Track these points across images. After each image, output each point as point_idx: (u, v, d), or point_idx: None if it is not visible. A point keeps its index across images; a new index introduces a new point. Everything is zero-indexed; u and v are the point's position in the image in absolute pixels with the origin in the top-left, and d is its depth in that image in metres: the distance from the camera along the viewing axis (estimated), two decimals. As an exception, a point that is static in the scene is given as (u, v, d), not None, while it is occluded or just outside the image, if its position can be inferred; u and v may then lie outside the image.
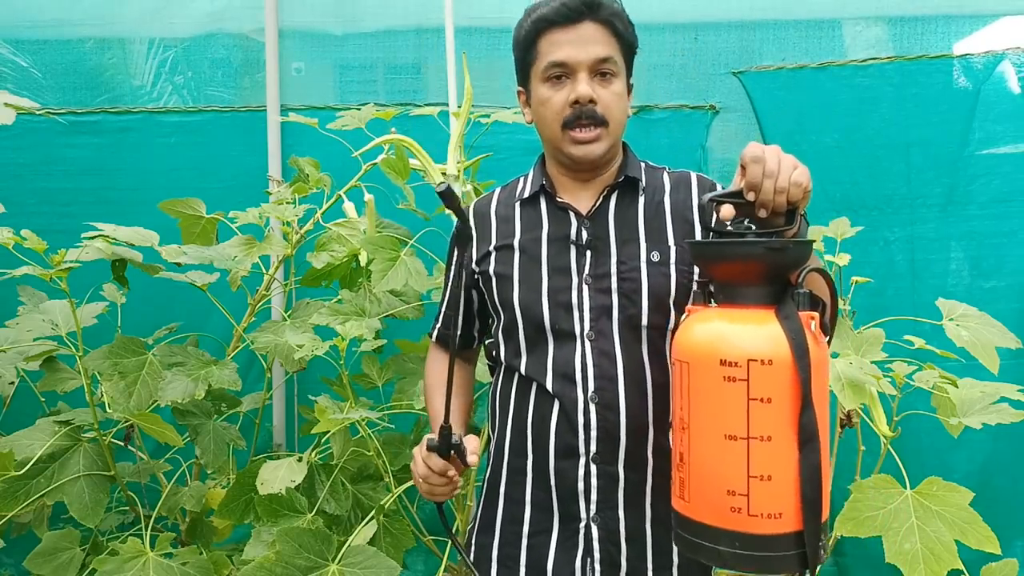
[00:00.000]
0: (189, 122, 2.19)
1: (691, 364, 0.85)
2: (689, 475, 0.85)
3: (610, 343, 1.05)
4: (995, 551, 1.35)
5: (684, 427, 0.86)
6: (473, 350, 1.28)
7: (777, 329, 0.81)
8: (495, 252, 1.13)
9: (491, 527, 1.14)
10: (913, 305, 2.01)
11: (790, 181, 0.83)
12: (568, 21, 1.02)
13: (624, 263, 1.06)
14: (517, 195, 1.16)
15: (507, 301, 1.10)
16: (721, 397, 0.81)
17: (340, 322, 1.54)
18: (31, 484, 1.49)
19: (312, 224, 1.78)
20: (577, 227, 1.09)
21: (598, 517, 1.05)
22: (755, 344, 0.81)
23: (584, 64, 1.02)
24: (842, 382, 1.49)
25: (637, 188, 1.10)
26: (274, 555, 1.33)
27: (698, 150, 2.18)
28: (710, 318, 0.88)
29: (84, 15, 2.19)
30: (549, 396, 1.07)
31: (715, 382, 0.81)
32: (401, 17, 2.20)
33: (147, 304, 1.87)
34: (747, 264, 0.85)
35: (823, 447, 0.81)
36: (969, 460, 2.04)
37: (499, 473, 1.14)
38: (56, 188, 2.17)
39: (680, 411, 0.87)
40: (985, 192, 2.06)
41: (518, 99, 1.15)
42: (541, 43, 1.04)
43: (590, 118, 1.03)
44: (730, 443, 0.80)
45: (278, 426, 2.15)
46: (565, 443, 1.06)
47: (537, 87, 1.06)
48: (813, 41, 2.13)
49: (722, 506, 0.81)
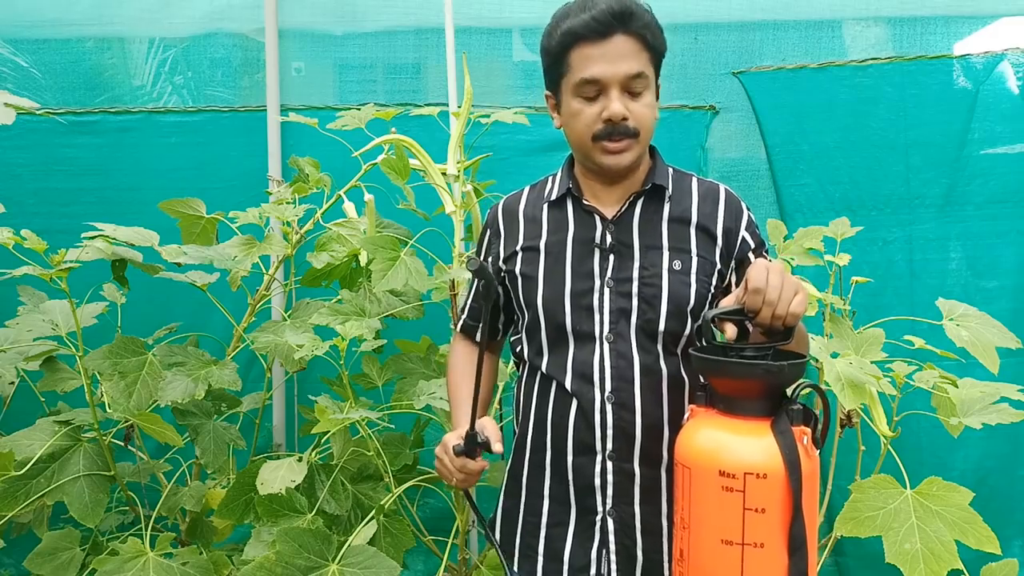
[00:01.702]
0: (189, 122, 2.19)
1: (692, 471, 0.91)
2: (688, 571, 0.92)
3: (627, 345, 1.07)
4: (995, 551, 1.35)
5: (685, 526, 0.92)
6: (498, 341, 1.32)
7: (772, 444, 0.88)
8: (521, 252, 1.16)
9: (514, 516, 1.18)
10: (912, 305, 2.02)
11: (788, 311, 0.89)
12: (599, 36, 1.01)
13: (647, 269, 1.08)
14: (545, 196, 1.18)
15: (531, 301, 1.13)
16: (719, 505, 0.88)
17: (340, 322, 1.53)
18: (31, 484, 1.49)
19: (312, 224, 1.78)
20: (602, 231, 1.11)
21: (614, 511, 1.08)
22: (752, 458, 0.87)
23: (616, 80, 1.02)
24: (842, 382, 1.49)
25: (663, 196, 1.11)
26: (274, 555, 1.33)
27: (698, 150, 2.18)
28: (711, 426, 0.93)
29: (83, 15, 2.18)
30: (568, 395, 1.10)
31: (714, 490, 0.88)
32: (401, 17, 2.20)
33: (147, 304, 1.86)
34: (746, 381, 0.91)
35: (811, 554, 0.89)
36: (969, 460, 2.05)
37: (521, 465, 1.18)
38: (55, 188, 2.16)
39: (682, 511, 0.93)
40: (983, 192, 2.07)
41: (546, 103, 1.16)
42: (572, 57, 1.04)
43: (623, 133, 1.04)
44: (726, 547, 0.87)
45: (278, 426, 2.15)
46: (582, 440, 1.09)
47: (568, 100, 1.07)
48: (813, 41, 2.13)
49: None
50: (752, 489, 0.85)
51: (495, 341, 1.31)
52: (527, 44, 2.18)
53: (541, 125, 2.04)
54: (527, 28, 2.15)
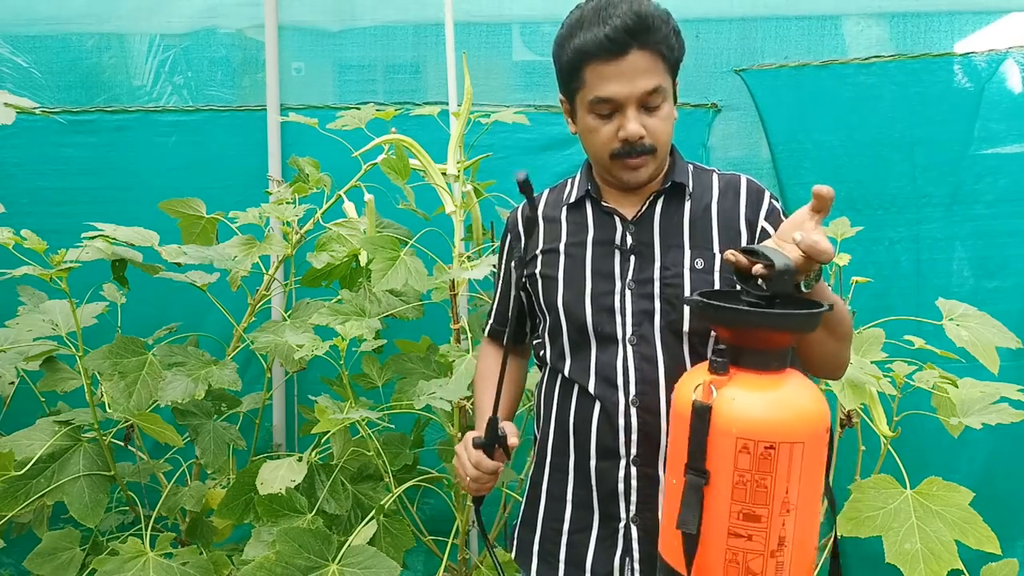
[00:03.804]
0: (187, 121, 2.18)
1: (807, 443, 0.80)
2: (791, 555, 0.81)
3: (652, 348, 1.05)
4: (995, 551, 1.35)
5: (790, 510, 0.81)
6: (525, 344, 1.31)
7: (816, 389, 0.85)
8: (541, 255, 1.15)
9: (533, 523, 1.16)
10: (918, 305, 1.99)
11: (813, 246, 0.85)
12: (614, 55, 0.98)
13: (668, 269, 1.06)
14: (564, 199, 1.17)
15: (552, 304, 1.12)
16: (823, 463, 0.83)
17: (340, 322, 1.53)
18: (31, 484, 1.50)
19: (312, 224, 1.78)
20: (622, 232, 1.09)
21: (637, 518, 1.06)
22: (825, 411, 0.83)
23: (632, 99, 1.00)
24: (842, 382, 1.49)
25: (684, 194, 1.10)
26: (274, 555, 1.33)
27: (700, 149, 2.17)
28: (791, 390, 0.85)
29: (79, 12, 2.17)
30: (591, 398, 1.08)
31: (824, 451, 0.82)
32: (399, 13, 2.19)
33: (147, 304, 1.86)
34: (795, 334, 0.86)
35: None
36: (970, 460, 2.04)
37: (542, 470, 1.17)
38: (50, 187, 2.15)
39: (786, 495, 0.81)
40: (991, 191, 2.05)
41: (561, 106, 1.14)
42: (586, 73, 1.01)
43: (640, 152, 1.03)
44: (820, 505, 0.84)
45: (278, 426, 2.15)
46: (606, 445, 1.07)
47: (583, 115, 1.05)
48: (815, 38, 2.12)
49: (811, 567, 0.85)
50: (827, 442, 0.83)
51: (522, 345, 1.29)
52: (527, 41, 2.16)
53: (541, 124, 2.04)
54: (527, 23, 2.14)
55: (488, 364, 1.28)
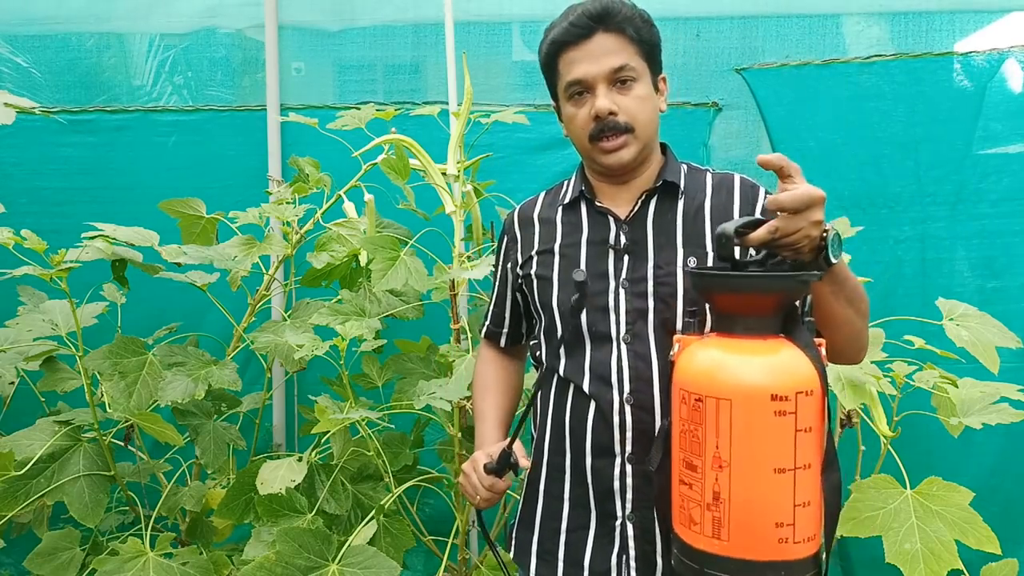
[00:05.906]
0: (186, 121, 2.18)
1: (734, 401, 0.82)
2: (729, 514, 0.83)
3: (646, 346, 1.06)
4: (995, 551, 1.35)
5: (722, 466, 0.84)
6: (522, 345, 1.32)
7: (805, 359, 0.84)
8: (537, 256, 1.16)
9: (531, 522, 1.17)
10: (923, 304, 1.97)
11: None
12: (580, 39, 1.04)
13: (661, 268, 1.07)
14: (559, 200, 1.19)
15: (547, 304, 1.13)
16: (772, 431, 0.81)
17: (340, 322, 1.53)
18: (31, 484, 1.50)
19: (312, 224, 1.78)
20: (616, 232, 1.10)
21: (634, 515, 1.07)
22: (799, 376, 0.82)
23: (600, 77, 1.04)
24: (842, 382, 1.49)
25: (676, 193, 1.11)
26: (274, 555, 1.33)
27: (701, 148, 2.17)
28: (737, 351, 0.86)
29: (78, 11, 2.17)
30: (586, 397, 1.09)
31: (765, 417, 0.81)
32: (398, 12, 2.19)
33: (147, 304, 1.86)
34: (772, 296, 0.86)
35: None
36: (970, 460, 2.03)
37: (539, 470, 1.17)
38: (50, 187, 2.15)
39: (716, 449, 0.84)
40: (995, 190, 2.04)
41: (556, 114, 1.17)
42: (559, 64, 1.07)
43: (613, 129, 1.05)
44: (778, 476, 0.81)
45: (278, 426, 2.15)
46: (601, 443, 1.08)
47: (564, 105, 1.10)
48: (816, 37, 2.12)
49: (770, 539, 0.82)
50: (802, 408, 0.82)
51: (519, 345, 1.31)
52: (527, 40, 2.16)
53: (540, 123, 2.04)
54: (527, 23, 2.14)
55: (485, 369, 1.30)
